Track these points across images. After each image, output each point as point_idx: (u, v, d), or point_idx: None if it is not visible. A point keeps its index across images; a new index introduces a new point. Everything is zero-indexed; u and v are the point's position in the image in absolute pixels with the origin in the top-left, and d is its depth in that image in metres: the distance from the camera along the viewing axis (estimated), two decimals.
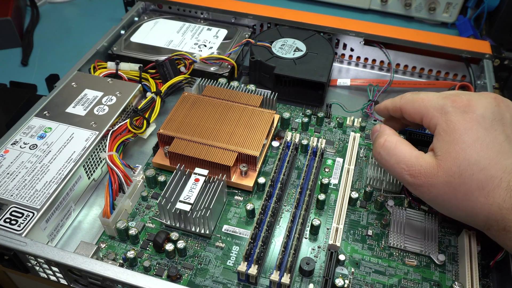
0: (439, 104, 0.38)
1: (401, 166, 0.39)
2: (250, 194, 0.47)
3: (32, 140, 0.46)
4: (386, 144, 0.40)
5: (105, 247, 0.42)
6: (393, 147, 0.40)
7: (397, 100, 0.43)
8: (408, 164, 0.38)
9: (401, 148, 0.39)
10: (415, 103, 0.41)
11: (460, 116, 0.37)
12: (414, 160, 0.38)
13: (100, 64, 0.58)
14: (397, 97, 0.44)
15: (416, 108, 0.40)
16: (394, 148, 0.40)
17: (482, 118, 0.36)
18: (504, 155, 0.35)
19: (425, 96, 0.40)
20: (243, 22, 0.69)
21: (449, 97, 0.38)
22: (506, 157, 0.35)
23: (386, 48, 0.64)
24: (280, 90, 0.57)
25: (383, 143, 0.41)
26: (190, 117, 0.50)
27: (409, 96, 0.42)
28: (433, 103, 0.39)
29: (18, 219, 0.39)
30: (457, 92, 0.39)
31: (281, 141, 0.52)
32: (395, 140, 0.40)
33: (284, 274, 0.38)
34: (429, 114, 0.39)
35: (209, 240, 0.43)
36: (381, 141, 0.41)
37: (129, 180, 0.45)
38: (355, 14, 0.89)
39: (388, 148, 0.40)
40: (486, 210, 0.35)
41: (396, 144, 0.40)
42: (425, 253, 0.42)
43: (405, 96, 0.43)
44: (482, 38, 0.80)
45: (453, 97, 0.38)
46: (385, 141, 0.41)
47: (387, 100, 0.46)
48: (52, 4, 0.92)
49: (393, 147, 0.40)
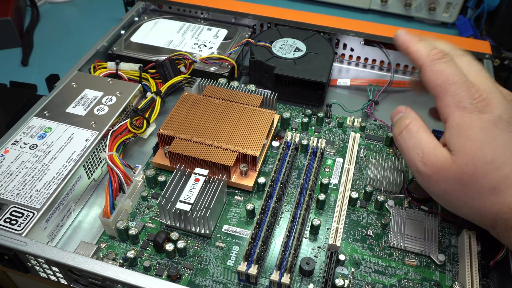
0: (459, 95, 0.37)
1: (416, 151, 0.38)
2: (250, 194, 0.47)
3: (32, 140, 0.46)
4: (410, 126, 0.39)
5: (105, 247, 0.42)
6: (415, 130, 0.39)
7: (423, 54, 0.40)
8: (424, 151, 0.38)
9: (422, 134, 0.39)
10: (439, 78, 0.38)
11: (477, 114, 0.36)
12: (431, 149, 0.37)
13: (100, 64, 0.58)
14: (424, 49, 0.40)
15: (436, 84, 0.38)
16: (417, 132, 0.39)
17: (499, 119, 0.36)
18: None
19: (451, 76, 0.37)
20: (243, 22, 0.69)
21: (471, 91, 0.36)
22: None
23: (386, 48, 0.64)
24: (280, 90, 0.57)
25: (407, 124, 0.40)
26: (190, 117, 0.50)
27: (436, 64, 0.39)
28: (455, 91, 0.37)
29: (18, 219, 0.39)
30: (479, 85, 0.37)
31: (281, 141, 0.52)
32: (419, 124, 0.39)
33: (284, 274, 0.38)
34: (445, 100, 0.37)
35: (209, 240, 0.43)
36: (407, 122, 0.40)
37: (129, 180, 0.45)
38: (355, 14, 0.89)
39: (411, 130, 0.39)
40: (496, 209, 0.35)
41: (419, 128, 0.39)
42: (425, 253, 0.42)
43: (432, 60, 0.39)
44: (482, 38, 0.80)
45: (475, 93, 0.36)
46: (410, 123, 0.40)
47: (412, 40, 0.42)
48: (52, 4, 0.92)
49: (416, 130, 0.39)
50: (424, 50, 0.40)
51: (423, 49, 0.40)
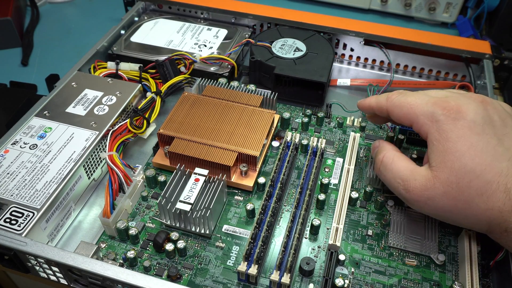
0: (429, 111, 0.38)
1: (397, 181, 0.39)
2: (250, 194, 0.47)
3: (32, 140, 0.46)
4: (384, 160, 0.41)
5: (105, 247, 0.42)
6: (390, 162, 0.40)
7: (383, 100, 0.43)
8: (403, 179, 0.38)
9: (397, 163, 0.40)
10: (403, 108, 0.40)
11: (452, 124, 0.36)
12: (409, 174, 0.38)
13: (100, 64, 0.58)
14: (382, 97, 0.43)
15: (404, 114, 0.40)
16: (391, 163, 0.40)
17: (473, 124, 0.36)
18: (498, 158, 0.35)
19: (413, 101, 0.39)
20: (243, 22, 0.69)
21: (439, 104, 0.37)
22: (500, 160, 0.35)
23: (386, 48, 0.64)
24: (280, 90, 0.57)
25: (381, 159, 0.41)
26: (190, 117, 0.50)
27: (396, 99, 0.41)
28: (423, 110, 0.38)
29: (18, 219, 0.39)
30: (446, 96, 0.38)
31: (281, 141, 0.52)
32: (392, 155, 0.41)
33: (284, 274, 0.38)
34: (419, 122, 0.38)
35: (209, 240, 0.43)
36: (380, 157, 0.42)
37: (129, 180, 0.45)
38: (355, 14, 0.89)
39: (386, 163, 0.41)
40: (488, 215, 0.35)
41: (393, 159, 0.40)
42: (425, 253, 0.42)
43: (391, 99, 0.42)
44: (482, 38, 0.80)
45: (443, 104, 0.37)
46: (384, 156, 0.41)
47: (371, 97, 0.45)
48: (52, 4, 0.92)
49: (390, 162, 0.40)
50: (382, 98, 0.43)
51: (381, 97, 0.43)
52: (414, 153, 0.51)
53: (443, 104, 0.37)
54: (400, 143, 0.52)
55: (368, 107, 0.45)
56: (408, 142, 0.53)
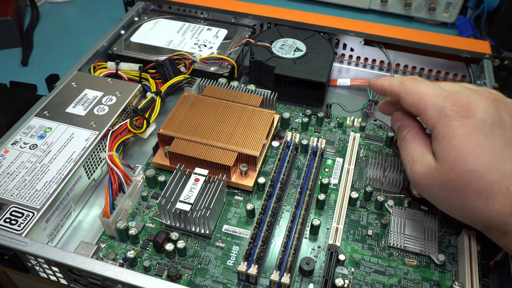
0: (439, 105, 0.37)
1: (408, 159, 0.40)
2: (250, 194, 0.47)
3: (32, 140, 0.46)
4: (407, 136, 0.42)
5: (105, 247, 0.42)
6: (410, 139, 0.41)
7: (396, 84, 0.42)
8: (413, 158, 0.40)
9: (415, 143, 0.40)
10: (415, 96, 0.39)
11: (460, 121, 0.36)
12: (419, 157, 0.39)
13: (100, 64, 0.58)
14: (396, 80, 0.42)
15: (415, 103, 0.40)
16: (411, 141, 0.41)
17: (482, 123, 0.35)
18: (503, 160, 0.35)
19: (426, 92, 0.39)
20: (243, 22, 0.69)
21: (450, 99, 0.37)
22: (505, 162, 0.35)
23: (386, 48, 0.64)
24: (280, 90, 0.57)
25: (405, 134, 0.42)
26: (190, 117, 0.50)
27: (409, 85, 0.41)
28: (433, 103, 0.38)
29: (18, 219, 0.39)
30: (458, 92, 0.38)
31: (281, 141, 0.52)
32: (414, 134, 0.41)
33: (284, 274, 0.38)
34: (428, 114, 0.38)
35: (209, 240, 0.43)
36: (405, 132, 0.42)
37: (129, 180, 0.45)
38: (355, 14, 0.89)
39: (407, 140, 0.42)
40: (485, 215, 0.35)
41: (414, 137, 0.41)
42: (425, 253, 0.42)
43: (404, 84, 0.41)
44: (482, 38, 0.80)
45: (454, 99, 0.37)
46: (408, 132, 0.42)
47: (384, 78, 0.44)
48: (52, 4, 0.92)
49: (411, 139, 0.41)
50: (396, 81, 0.42)
51: (395, 80, 0.43)
52: None
53: (454, 99, 0.37)
54: None
55: (380, 88, 0.44)
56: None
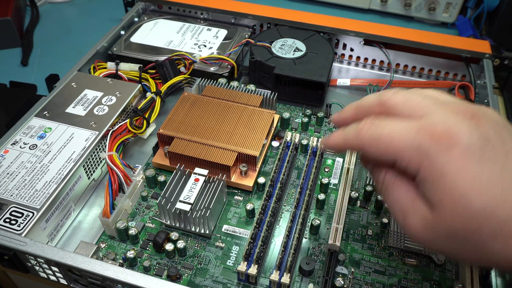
0: (414, 144, 0.30)
1: (396, 209, 0.32)
2: (250, 194, 0.47)
3: (32, 140, 0.46)
4: (385, 180, 0.33)
5: (105, 247, 0.42)
6: (391, 183, 0.33)
7: (351, 138, 0.33)
8: (403, 209, 0.32)
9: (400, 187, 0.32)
10: (381, 145, 0.31)
11: (446, 155, 0.29)
12: (410, 206, 0.31)
13: (100, 64, 0.58)
14: (350, 132, 0.33)
15: (383, 152, 0.31)
16: (393, 185, 0.33)
17: (470, 150, 0.29)
18: (509, 187, 0.28)
19: (392, 133, 0.31)
20: (243, 22, 0.69)
21: (424, 131, 0.30)
22: (510, 191, 0.28)
23: (386, 48, 0.64)
24: (280, 90, 0.57)
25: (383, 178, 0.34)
26: (190, 117, 0.50)
27: (368, 135, 0.32)
28: (406, 143, 0.30)
29: (18, 219, 0.39)
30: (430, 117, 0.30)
31: (281, 141, 0.52)
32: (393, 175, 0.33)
33: (284, 274, 0.38)
34: (405, 158, 0.30)
35: (209, 240, 0.43)
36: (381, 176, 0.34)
37: (129, 180, 0.45)
38: (355, 14, 0.89)
39: (387, 185, 0.33)
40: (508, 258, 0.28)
41: (395, 181, 0.33)
42: (425, 253, 0.42)
43: (362, 134, 0.32)
44: (482, 38, 0.80)
45: (429, 130, 0.29)
46: (386, 175, 0.33)
47: (335, 134, 0.35)
48: (52, 4, 0.92)
49: (391, 183, 0.33)
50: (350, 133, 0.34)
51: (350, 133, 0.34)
52: None
53: (429, 131, 0.29)
54: None
55: (336, 148, 0.36)
56: None
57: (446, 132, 0.29)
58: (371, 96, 0.35)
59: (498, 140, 0.30)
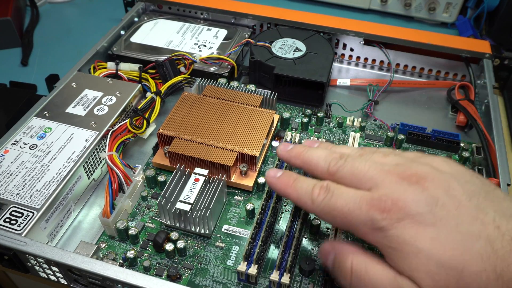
0: (366, 220, 0.30)
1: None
2: (250, 194, 0.47)
3: (32, 140, 0.46)
4: (355, 269, 0.32)
5: (105, 247, 0.42)
6: (363, 271, 0.31)
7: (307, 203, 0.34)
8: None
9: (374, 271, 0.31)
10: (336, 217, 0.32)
11: (398, 226, 0.29)
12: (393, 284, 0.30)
13: (100, 64, 0.58)
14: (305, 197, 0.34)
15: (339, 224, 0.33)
16: (366, 273, 0.31)
17: (420, 216, 0.29)
18: (468, 241, 0.28)
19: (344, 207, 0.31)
20: (243, 22, 0.69)
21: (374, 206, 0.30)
22: (471, 242, 0.28)
23: (386, 48, 0.64)
24: (280, 90, 0.57)
25: (350, 269, 0.32)
26: (190, 117, 0.50)
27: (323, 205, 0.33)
28: (359, 219, 0.31)
29: (18, 219, 0.39)
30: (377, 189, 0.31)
31: (281, 141, 0.52)
32: (362, 261, 0.32)
33: (284, 274, 0.38)
34: (361, 232, 0.31)
35: (209, 240, 0.43)
36: (347, 266, 0.32)
37: (129, 180, 0.45)
38: (355, 14, 0.89)
39: (359, 274, 0.31)
40: None
41: (366, 267, 0.31)
42: None
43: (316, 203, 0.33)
44: (482, 38, 0.80)
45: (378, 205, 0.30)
46: (352, 264, 0.32)
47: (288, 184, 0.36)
48: (52, 4, 0.92)
49: (364, 271, 0.31)
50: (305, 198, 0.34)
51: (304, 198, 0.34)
52: None
53: (379, 205, 0.30)
54: (400, 143, 0.52)
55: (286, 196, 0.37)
56: (408, 141, 0.53)
57: (395, 204, 0.30)
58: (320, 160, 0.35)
59: (447, 196, 0.30)
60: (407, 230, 0.29)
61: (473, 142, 0.53)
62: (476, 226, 0.29)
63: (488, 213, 0.29)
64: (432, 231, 0.29)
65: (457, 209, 0.29)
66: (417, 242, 0.29)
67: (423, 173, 0.31)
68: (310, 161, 0.36)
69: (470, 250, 0.28)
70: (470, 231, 0.28)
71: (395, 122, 0.55)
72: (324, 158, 0.35)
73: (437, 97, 0.62)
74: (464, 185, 0.31)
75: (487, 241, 0.28)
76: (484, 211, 0.29)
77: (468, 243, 0.28)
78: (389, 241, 0.30)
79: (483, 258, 0.28)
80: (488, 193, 0.31)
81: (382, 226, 0.30)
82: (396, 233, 0.29)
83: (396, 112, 0.59)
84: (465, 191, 0.30)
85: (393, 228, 0.30)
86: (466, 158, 0.51)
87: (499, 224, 0.28)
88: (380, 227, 0.30)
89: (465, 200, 0.30)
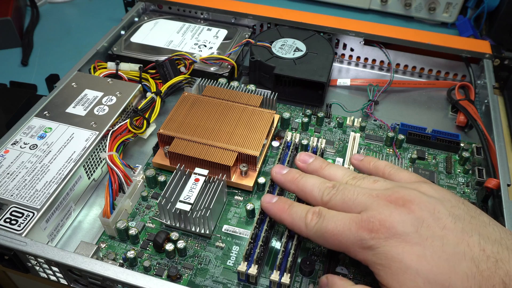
0: (356, 240, 0.33)
1: None
2: (250, 194, 0.47)
3: (32, 140, 0.46)
4: None
5: (105, 247, 0.42)
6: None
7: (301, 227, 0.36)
8: None
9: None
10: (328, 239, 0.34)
11: (386, 244, 0.32)
12: None
13: (100, 64, 0.58)
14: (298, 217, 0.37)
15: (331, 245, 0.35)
16: None
17: (406, 235, 0.31)
18: (453, 260, 0.30)
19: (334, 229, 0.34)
20: (243, 22, 0.69)
21: (362, 226, 0.33)
22: (457, 261, 0.30)
23: (386, 48, 0.64)
24: (280, 90, 0.57)
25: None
26: (190, 117, 0.50)
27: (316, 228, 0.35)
28: (349, 240, 0.33)
29: (18, 219, 0.39)
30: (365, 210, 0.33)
31: (281, 141, 0.52)
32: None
33: (284, 274, 0.38)
34: (351, 252, 0.34)
35: (209, 240, 0.43)
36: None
37: (129, 180, 0.45)
38: (355, 14, 0.89)
39: None
40: None
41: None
42: None
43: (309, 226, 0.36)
44: (482, 38, 0.80)
45: (366, 225, 0.32)
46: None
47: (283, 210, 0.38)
48: (52, 4, 0.92)
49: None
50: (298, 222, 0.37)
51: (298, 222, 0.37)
52: (414, 153, 0.51)
53: (367, 225, 0.32)
54: (400, 143, 0.52)
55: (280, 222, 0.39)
56: (408, 141, 0.53)
57: (382, 225, 0.32)
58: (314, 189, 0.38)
59: (432, 218, 0.32)
60: (394, 248, 0.31)
61: (473, 142, 0.53)
62: (462, 247, 0.30)
63: (473, 236, 0.31)
64: (418, 249, 0.31)
65: (443, 230, 0.31)
66: (404, 259, 0.31)
67: (410, 197, 0.33)
68: (305, 188, 0.39)
69: (456, 269, 0.29)
70: (455, 251, 0.30)
71: (395, 122, 0.55)
72: (318, 187, 0.38)
73: (437, 97, 0.62)
74: (450, 209, 0.33)
75: (472, 262, 0.30)
76: (469, 233, 0.31)
77: (454, 262, 0.30)
78: (378, 259, 0.32)
79: (469, 277, 0.29)
80: (473, 218, 0.32)
81: (371, 245, 0.32)
82: (384, 251, 0.31)
83: (396, 112, 0.59)
84: (451, 214, 0.32)
85: (381, 246, 0.32)
86: (466, 158, 0.51)
87: (484, 247, 0.30)
88: (369, 246, 0.32)
89: (451, 222, 0.31)
